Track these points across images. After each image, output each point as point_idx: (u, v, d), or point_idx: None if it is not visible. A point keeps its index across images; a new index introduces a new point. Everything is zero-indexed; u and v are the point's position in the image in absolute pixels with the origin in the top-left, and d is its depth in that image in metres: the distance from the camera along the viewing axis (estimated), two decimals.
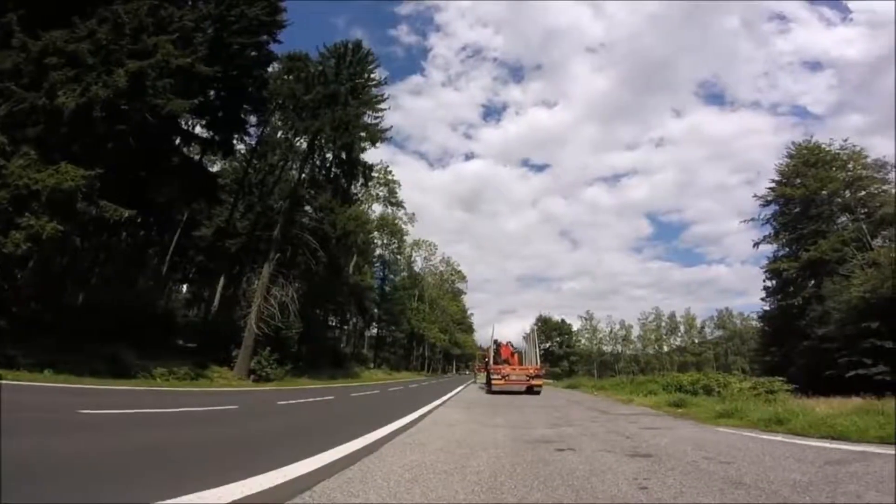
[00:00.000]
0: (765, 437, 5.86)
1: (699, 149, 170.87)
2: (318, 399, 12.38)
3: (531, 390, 18.41)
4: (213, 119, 19.65)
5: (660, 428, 7.01)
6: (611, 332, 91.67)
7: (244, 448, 4.72)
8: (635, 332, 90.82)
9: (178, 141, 19.48)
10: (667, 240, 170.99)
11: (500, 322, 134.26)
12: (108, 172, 11.93)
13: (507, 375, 18.78)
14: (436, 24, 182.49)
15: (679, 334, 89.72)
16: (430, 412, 9.17)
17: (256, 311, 21.10)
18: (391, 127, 27.58)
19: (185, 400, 9.48)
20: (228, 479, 2.90)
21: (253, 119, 23.20)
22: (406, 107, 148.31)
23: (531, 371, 19.10)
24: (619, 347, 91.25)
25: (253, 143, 27.32)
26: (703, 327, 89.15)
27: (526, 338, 25.54)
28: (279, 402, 10.64)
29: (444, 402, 12.75)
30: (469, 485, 3.13)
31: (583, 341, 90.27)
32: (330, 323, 41.16)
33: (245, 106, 20.90)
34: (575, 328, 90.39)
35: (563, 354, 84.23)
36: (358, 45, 25.90)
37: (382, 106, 25.85)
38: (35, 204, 10.40)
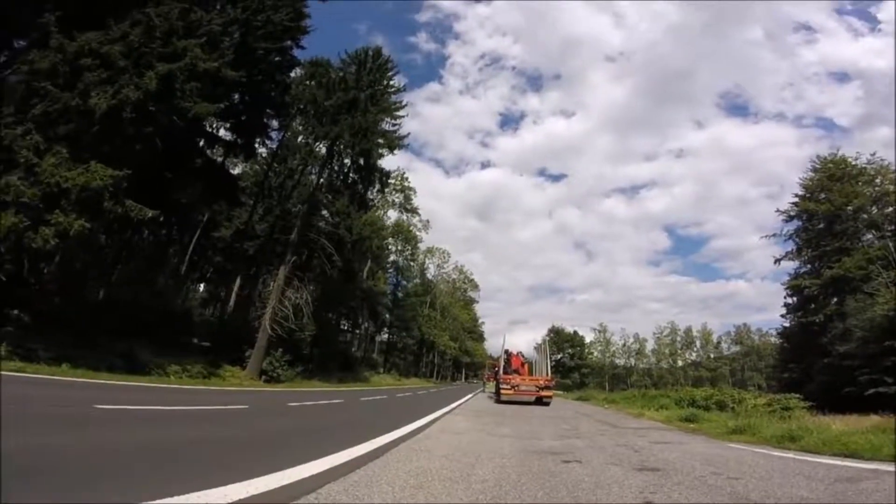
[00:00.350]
0: (776, 453, 5.74)
1: (720, 161, 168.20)
2: (327, 402, 12.48)
3: (540, 401, 18.25)
4: (237, 122, 20.08)
5: (669, 442, 6.90)
6: (624, 345, 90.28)
7: (251, 448, 4.81)
8: (649, 345, 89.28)
9: (202, 143, 20.00)
10: (685, 254, 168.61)
11: (511, 332, 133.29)
12: (135, 172, 12.31)
13: (517, 386, 18.63)
14: (455, 32, 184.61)
15: (694, 349, 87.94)
16: (437, 419, 9.17)
17: (271, 312, 21.41)
18: (409, 134, 27.93)
19: (197, 398, 9.67)
20: (233, 478, 2.93)
21: (275, 123, 23.65)
22: (424, 114, 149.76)
23: (541, 382, 18.94)
24: (633, 361, 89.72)
25: (274, 146, 27.89)
26: (719, 342, 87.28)
27: (537, 348, 25.41)
28: (289, 404, 10.77)
29: (452, 409, 12.72)
30: (473, 493, 3.15)
31: (595, 353, 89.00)
32: (342, 327, 41.51)
33: (268, 110, 21.31)
34: (587, 340, 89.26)
35: (574, 366, 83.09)
36: (378, 51, 26.33)
37: (401, 113, 26.18)
38: (64, 201, 10.81)
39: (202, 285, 36.11)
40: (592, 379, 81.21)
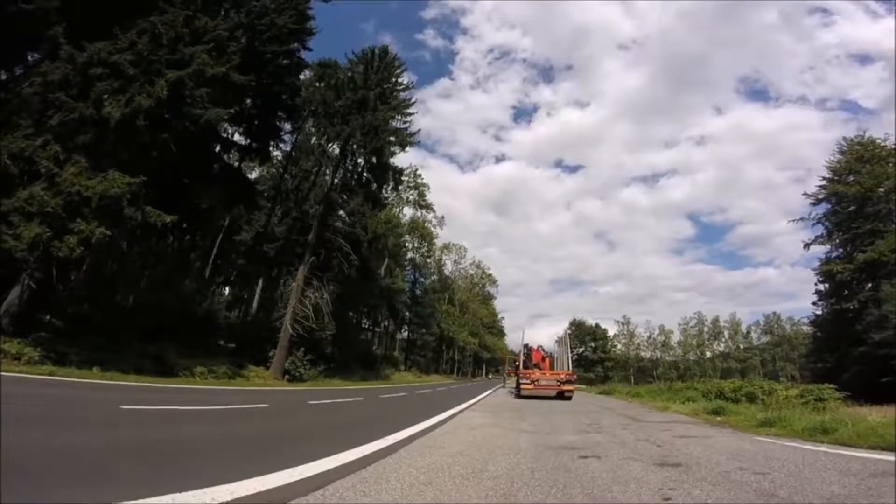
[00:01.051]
0: (807, 447, 5.47)
1: (743, 146, 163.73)
2: (347, 400, 12.59)
3: (562, 396, 18.01)
4: (250, 126, 20.37)
5: (694, 436, 6.67)
6: (649, 337, 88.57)
7: (265, 446, 4.85)
8: (675, 337, 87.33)
9: (217, 148, 20.37)
10: (710, 241, 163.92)
11: (533, 326, 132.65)
12: (154, 179, 12.63)
13: (537, 380, 18.42)
14: (462, 28, 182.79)
15: (723, 340, 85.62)
16: (454, 415, 9.13)
17: (291, 312, 21.76)
18: (419, 131, 27.88)
19: (220, 398, 9.87)
20: (244, 475, 2.97)
21: (287, 126, 23.92)
22: (435, 110, 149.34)
23: (562, 376, 18.68)
24: (658, 353, 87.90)
25: (288, 149, 28.27)
26: (748, 332, 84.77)
27: (558, 342, 25.03)
28: (309, 402, 10.90)
29: (470, 405, 12.66)
30: (483, 490, 3.08)
31: (619, 346, 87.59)
32: (363, 325, 41.92)
33: (279, 113, 21.54)
34: (610, 333, 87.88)
35: (597, 360, 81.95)
36: (384, 50, 26.40)
37: (410, 110, 26.23)
38: (86, 210, 11.17)
39: (227, 288, 36.97)
40: (616, 372, 79.94)
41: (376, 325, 47.00)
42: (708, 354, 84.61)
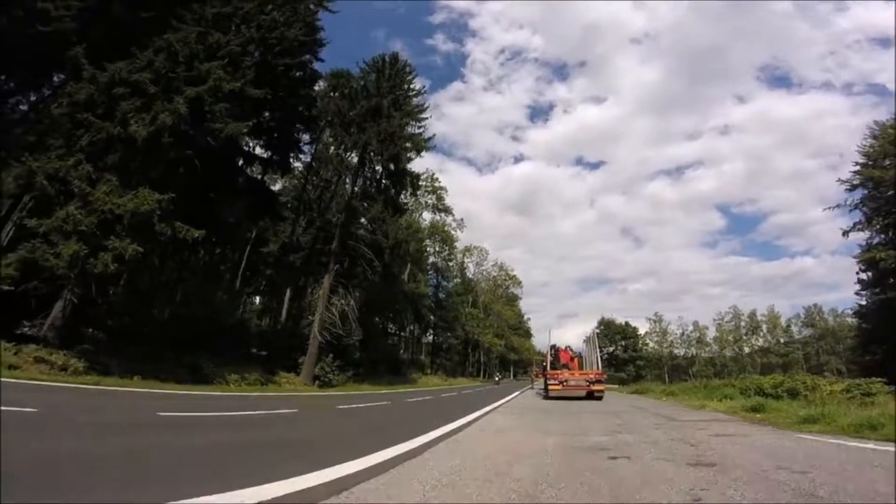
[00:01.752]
0: (852, 444, 5.19)
1: (769, 135, 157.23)
2: (375, 404, 12.70)
3: (592, 396, 17.66)
4: (270, 139, 20.87)
5: (732, 435, 6.42)
6: (682, 334, 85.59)
7: (295, 449, 4.94)
8: (711, 333, 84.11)
9: (241, 162, 20.98)
10: (742, 233, 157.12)
11: (560, 326, 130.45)
12: (181, 195, 13.12)
13: (566, 381, 18.11)
14: (471, 30, 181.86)
15: (761, 334, 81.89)
16: (479, 418, 9.08)
17: (319, 319, 22.17)
18: (434, 135, 28.12)
19: (252, 404, 10.13)
20: (273, 477, 3.05)
21: (306, 137, 24.46)
22: (450, 114, 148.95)
23: (592, 376, 18.32)
24: (693, 350, 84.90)
25: (308, 160, 28.86)
26: (788, 326, 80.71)
27: (586, 341, 24.59)
28: (337, 407, 11.06)
29: (496, 407, 12.57)
30: (506, 492, 3.04)
31: (651, 344, 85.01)
32: (389, 330, 42.27)
33: (297, 125, 21.96)
34: (642, 331, 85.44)
35: (628, 359, 79.84)
36: (395, 57, 26.71)
37: (424, 115, 26.43)
38: (119, 227, 11.71)
39: (257, 298, 38.01)
40: (649, 371, 77.66)
41: (402, 330, 47.32)
42: (746, 350, 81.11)
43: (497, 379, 54.24)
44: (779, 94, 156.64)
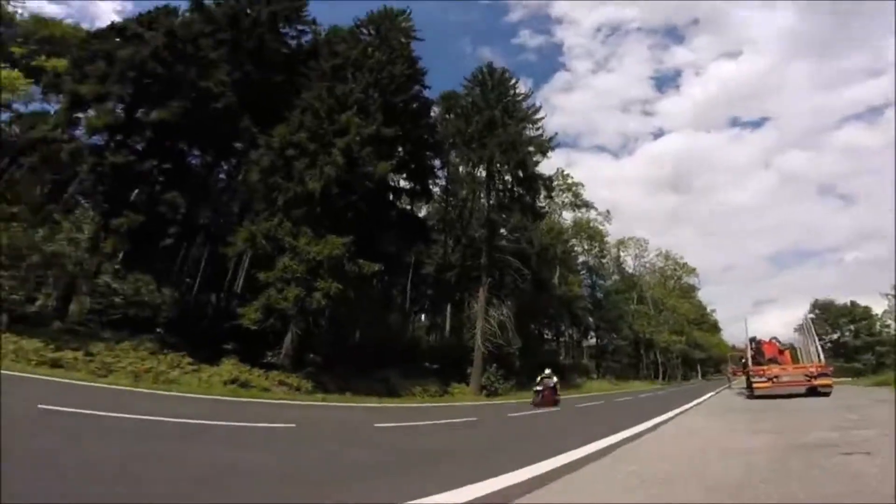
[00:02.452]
0: None
1: None
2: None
3: (815, 392, 14.59)
4: (409, 171, 23.21)
5: None
6: None
7: (485, 452, 5.58)
8: None
9: (391, 197, 23.81)
10: None
11: (757, 314, 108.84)
12: (355, 235, 15.72)
13: (777, 377, 15.32)
14: (554, 18, 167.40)
15: None
16: (667, 420, 8.49)
17: (480, 331, 23.49)
18: (556, 133, 27.21)
19: (437, 413, 11.42)
20: (471, 479, 3.39)
21: (437, 162, 26.33)
22: (563, 106, 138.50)
23: (812, 369, 15.12)
24: None
25: (443, 182, 31.01)
26: None
27: (799, 330, 20.52)
28: (509, 415, 11.62)
29: (686, 410, 11.42)
30: (702, 491, 3.00)
31: (893, 325, 65.15)
32: (545, 336, 41.79)
33: (427, 153, 23.91)
34: (876, 311, 66.18)
35: (862, 346, 62.52)
36: (490, 66, 27.15)
37: (538, 116, 26.15)
38: (321, 270, 14.65)
39: (423, 315, 41.93)
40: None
41: (559, 335, 46.16)
42: None
43: (690, 382, 47.73)
44: None
